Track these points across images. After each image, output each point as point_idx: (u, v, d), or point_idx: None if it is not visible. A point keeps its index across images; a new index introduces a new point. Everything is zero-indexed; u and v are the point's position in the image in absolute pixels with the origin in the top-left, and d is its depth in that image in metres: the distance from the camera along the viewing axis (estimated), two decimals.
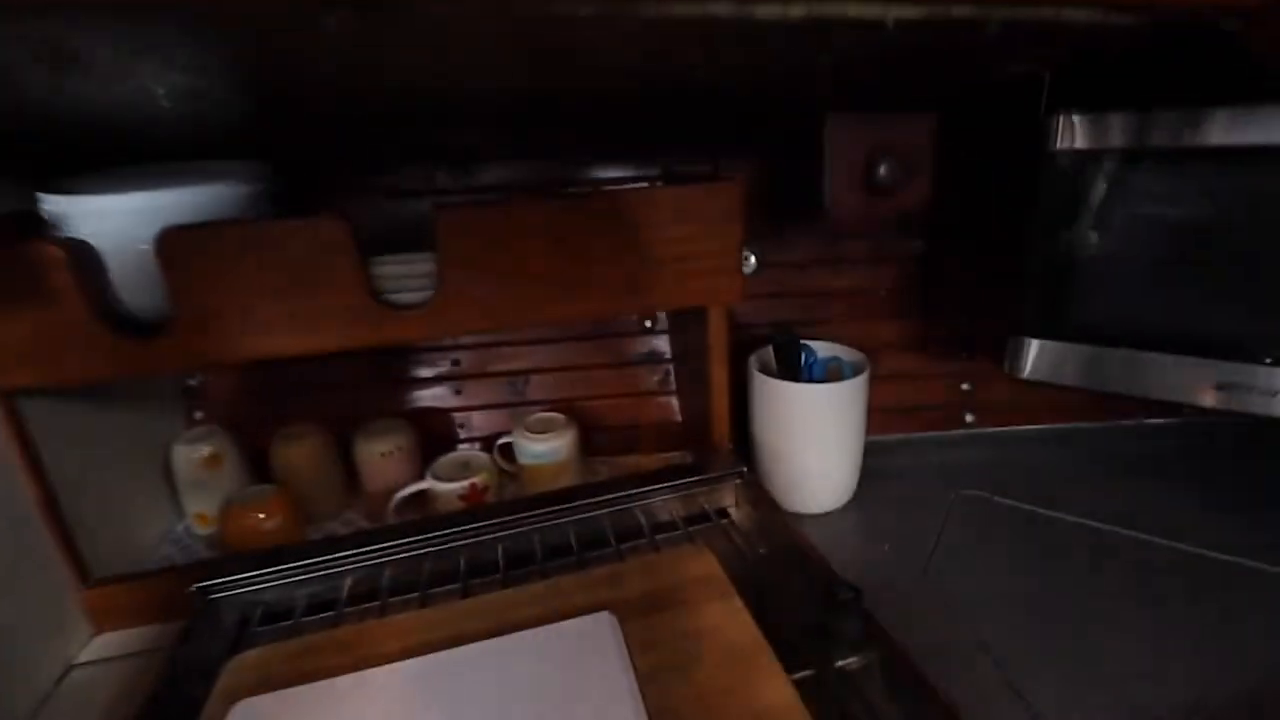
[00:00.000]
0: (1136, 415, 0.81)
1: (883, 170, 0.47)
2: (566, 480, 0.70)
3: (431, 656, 0.40)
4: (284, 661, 0.42)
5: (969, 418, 0.81)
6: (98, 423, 0.62)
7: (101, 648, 0.57)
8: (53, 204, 0.50)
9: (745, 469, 0.58)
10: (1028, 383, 0.60)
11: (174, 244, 0.48)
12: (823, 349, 0.66)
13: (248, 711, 0.38)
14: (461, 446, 0.78)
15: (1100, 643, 0.50)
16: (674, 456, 0.79)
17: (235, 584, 0.49)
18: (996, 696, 0.46)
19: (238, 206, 0.54)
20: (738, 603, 0.44)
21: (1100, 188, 0.50)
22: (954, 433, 0.81)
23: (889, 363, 0.79)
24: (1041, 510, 0.65)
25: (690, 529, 0.55)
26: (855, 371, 0.62)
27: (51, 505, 0.54)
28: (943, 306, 0.82)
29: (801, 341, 0.65)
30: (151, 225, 0.49)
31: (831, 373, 0.65)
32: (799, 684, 0.38)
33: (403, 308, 0.53)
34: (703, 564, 0.47)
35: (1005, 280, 0.80)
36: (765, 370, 0.65)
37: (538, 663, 0.40)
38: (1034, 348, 0.58)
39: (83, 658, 0.55)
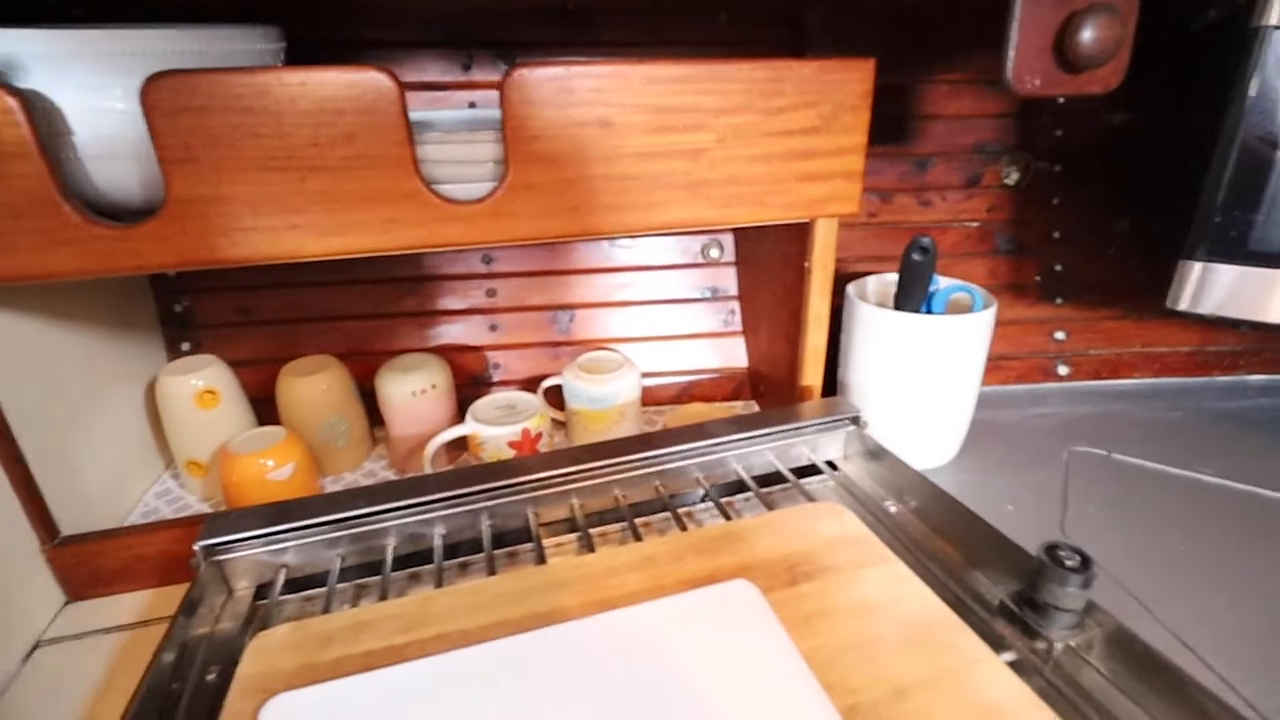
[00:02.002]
0: (1239, 370, 0.74)
1: (1085, 37, 0.37)
2: (624, 430, 0.61)
3: (528, 636, 0.31)
4: (325, 642, 0.32)
5: (1062, 370, 0.73)
6: (58, 348, 0.50)
7: (74, 619, 0.46)
8: None
9: (859, 414, 0.49)
10: (1177, 318, 0.52)
11: (169, 95, 0.36)
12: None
13: (287, 709, 0.28)
14: (495, 390, 0.68)
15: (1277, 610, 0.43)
16: (738, 406, 0.70)
17: (248, 542, 0.39)
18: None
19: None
20: (904, 569, 0.35)
21: None
22: (1048, 386, 0.72)
23: None
24: (1169, 469, 0.58)
25: (803, 482, 0.46)
26: (985, 304, 0.53)
27: (7, 440, 0.42)
28: (1037, 244, 0.73)
29: None
30: (128, 76, 0.38)
31: (954, 305, 0.55)
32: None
33: (454, 202, 0.42)
34: (841, 523, 0.39)
35: (1128, 210, 0.72)
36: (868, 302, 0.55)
37: (674, 640, 0.30)
38: (1199, 273, 0.49)
39: (52, 632, 0.45)
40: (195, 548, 0.37)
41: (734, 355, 0.71)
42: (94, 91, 0.39)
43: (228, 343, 0.64)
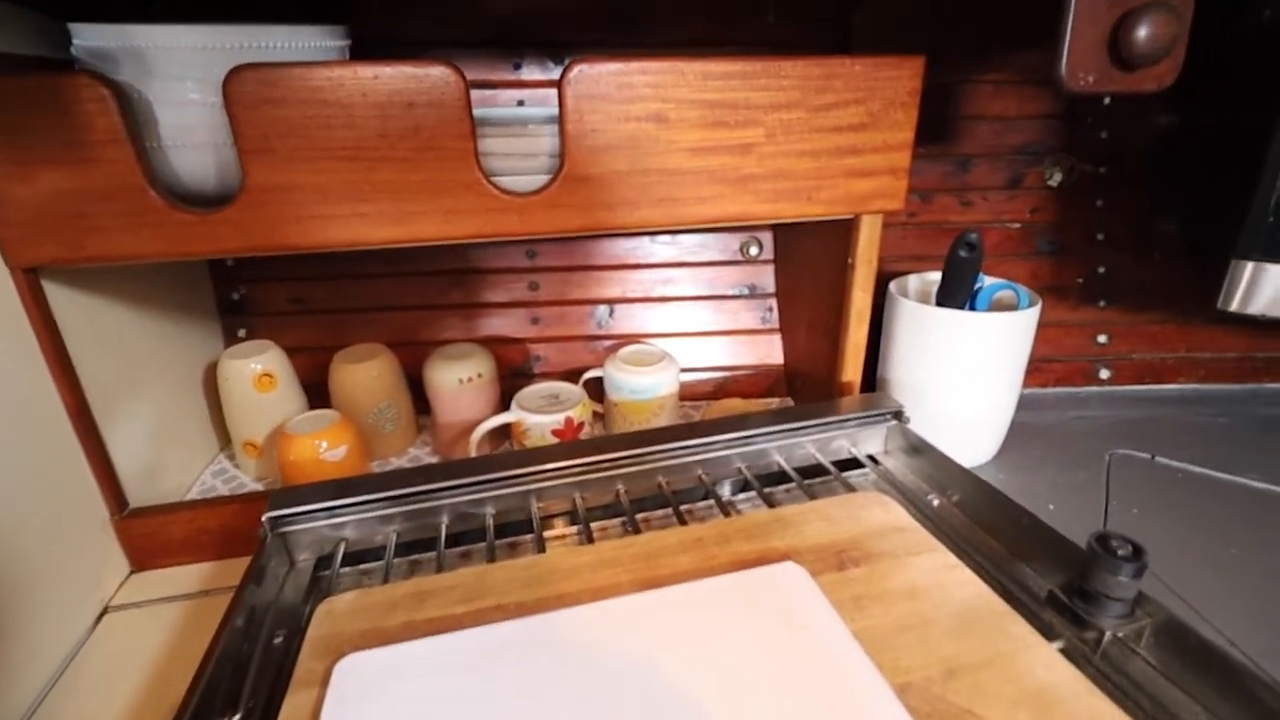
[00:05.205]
0: None
1: (1141, 34, 0.37)
2: (662, 422, 0.62)
3: (588, 608, 0.32)
4: (389, 608, 0.33)
5: (1104, 374, 0.72)
6: (130, 330, 0.52)
7: (140, 588, 0.48)
8: (90, 36, 0.40)
9: (901, 409, 0.49)
10: (1224, 323, 0.51)
11: (252, 87, 0.38)
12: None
13: (358, 668, 0.29)
14: (536, 381, 0.69)
15: None
16: (774, 403, 0.71)
17: (310, 515, 0.40)
18: None
19: None
20: (952, 558, 0.35)
21: None
22: (1089, 389, 0.72)
23: None
24: (1216, 474, 0.57)
25: (844, 475, 0.47)
26: (1031, 302, 0.53)
27: (84, 415, 0.45)
28: (1080, 246, 0.72)
29: None
30: (210, 69, 0.40)
31: (998, 304, 0.56)
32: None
33: (511, 194, 0.44)
34: (887, 512, 0.39)
35: (1174, 212, 0.71)
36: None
37: (725, 617, 0.31)
38: (1251, 273, 0.49)
39: (119, 599, 0.47)
40: (263, 519, 0.39)
41: (770, 352, 0.72)
42: (174, 83, 0.42)
43: (281, 330, 0.66)
